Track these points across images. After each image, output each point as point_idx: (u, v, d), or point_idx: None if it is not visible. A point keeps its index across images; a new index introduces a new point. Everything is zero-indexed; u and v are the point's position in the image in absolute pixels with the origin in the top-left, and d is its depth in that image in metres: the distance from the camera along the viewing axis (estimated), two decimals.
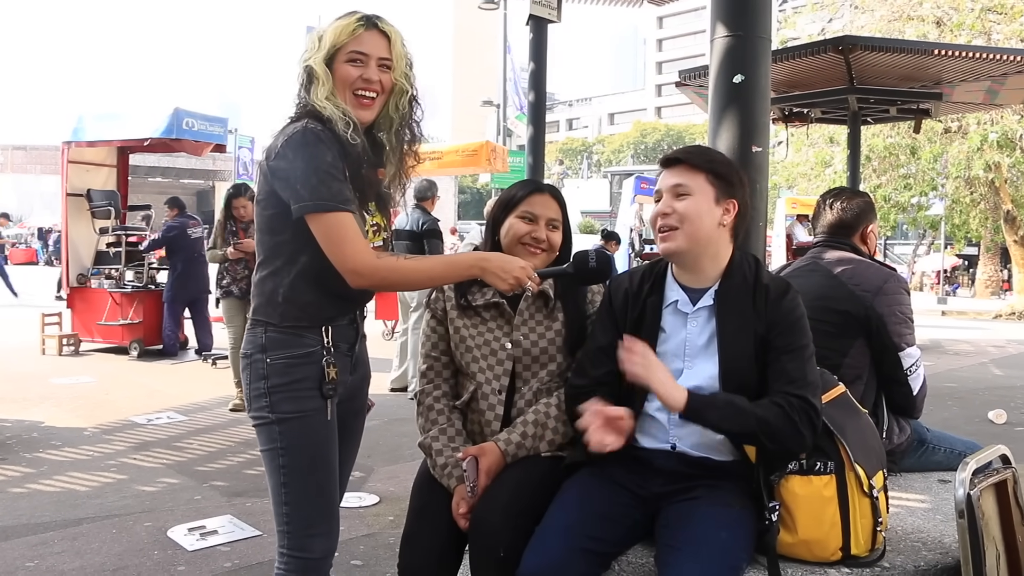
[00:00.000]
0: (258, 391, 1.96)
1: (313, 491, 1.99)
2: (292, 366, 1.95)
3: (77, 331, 9.58)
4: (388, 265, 1.90)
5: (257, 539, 3.72)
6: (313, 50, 1.95)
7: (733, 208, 2.05)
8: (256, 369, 1.96)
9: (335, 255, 1.86)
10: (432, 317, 2.36)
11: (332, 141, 1.88)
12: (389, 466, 4.94)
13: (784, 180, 21.72)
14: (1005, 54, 6.70)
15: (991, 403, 7.28)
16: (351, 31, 1.94)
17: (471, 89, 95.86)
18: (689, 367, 2.05)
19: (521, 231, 2.28)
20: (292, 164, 1.85)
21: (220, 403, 6.82)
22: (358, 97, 1.96)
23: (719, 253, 2.08)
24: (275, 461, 1.97)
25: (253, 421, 2.00)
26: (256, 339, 1.97)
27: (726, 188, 2.05)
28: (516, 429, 2.18)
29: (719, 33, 2.93)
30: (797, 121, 8.84)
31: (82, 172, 9.73)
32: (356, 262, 1.86)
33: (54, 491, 4.39)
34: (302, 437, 1.96)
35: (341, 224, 1.85)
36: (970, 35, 15.46)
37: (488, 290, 2.28)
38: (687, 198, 2.04)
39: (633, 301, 2.13)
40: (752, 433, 1.90)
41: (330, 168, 1.85)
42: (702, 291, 2.08)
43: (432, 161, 11.08)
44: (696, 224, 2.03)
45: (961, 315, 20.59)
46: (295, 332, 1.95)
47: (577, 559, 1.86)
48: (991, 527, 1.93)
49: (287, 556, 1.99)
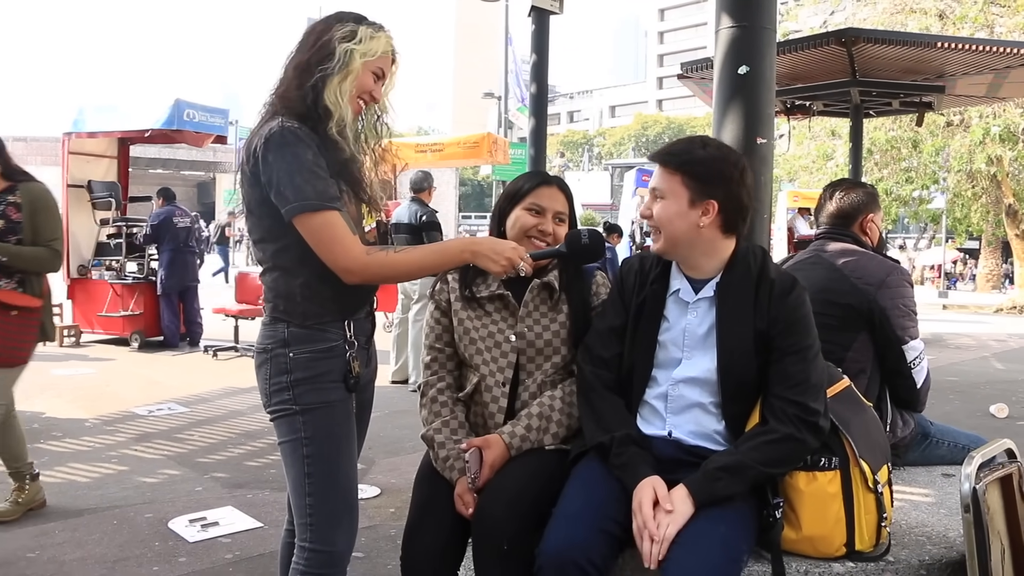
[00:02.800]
0: (279, 385, 1.94)
1: (337, 480, 1.97)
2: (316, 360, 1.94)
3: (78, 322, 9.57)
4: (379, 260, 1.88)
5: (258, 531, 3.72)
6: (357, 42, 1.94)
7: (712, 209, 2.00)
8: (278, 363, 1.94)
9: (326, 255, 1.85)
10: (436, 308, 2.35)
11: (310, 138, 1.88)
12: (390, 458, 4.94)
13: (786, 173, 21.72)
14: (1008, 47, 6.67)
15: (992, 397, 7.28)
16: (386, 50, 2.00)
17: (472, 81, 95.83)
18: (688, 357, 2.04)
19: (528, 224, 2.26)
20: (274, 166, 1.84)
21: (221, 395, 6.82)
22: (357, 101, 1.99)
23: (712, 249, 2.05)
24: (298, 451, 1.95)
25: (272, 414, 1.98)
26: (277, 334, 1.95)
27: (703, 189, 2.00)
28: (520, 422, 2.17)
29: (724, 24, 2.91)
30: (799, 114, 8.81)
31: (83, 163, 9.71)
32: (347, 260, 1.85)
33: (55, 482, 4.38)
34: (326, 427, 1.96)
35: (329, 223, 1.84)
36: (973, 28, 15.43)
37: (492, 282, 2.27)
38: (661, 201, 2.05)
39: (640, 286, 2.13)
40: (764, 477, 1.89)
41: (312, 166, 1.84)
42: (704, 282, 2.07)
43: (433, 153, 11.06)
44: (669, 228, 2.03)
45: (962, 309, 20.61)
46: (319, 327, 1.95)
47: (600, 540, 1.85)
48: (996, 521, 1.92)
49: (311, 550, 1.96)
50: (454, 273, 2.34)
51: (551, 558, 1.81)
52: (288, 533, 2.22)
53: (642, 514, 1.83)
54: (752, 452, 1.88)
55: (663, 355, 2.08)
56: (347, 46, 1.93)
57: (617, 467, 1.96)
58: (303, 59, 1.96)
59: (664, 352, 2.07)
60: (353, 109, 1.97)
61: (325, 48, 1.93)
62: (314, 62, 1.93)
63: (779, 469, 1.91)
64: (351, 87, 1.94)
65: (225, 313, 8.99)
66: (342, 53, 1.92)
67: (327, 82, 1.92)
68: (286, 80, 1.97)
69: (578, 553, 1.80)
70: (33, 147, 33.50)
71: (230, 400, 6.61)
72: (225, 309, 9.02)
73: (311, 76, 1.93)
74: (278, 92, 1.98)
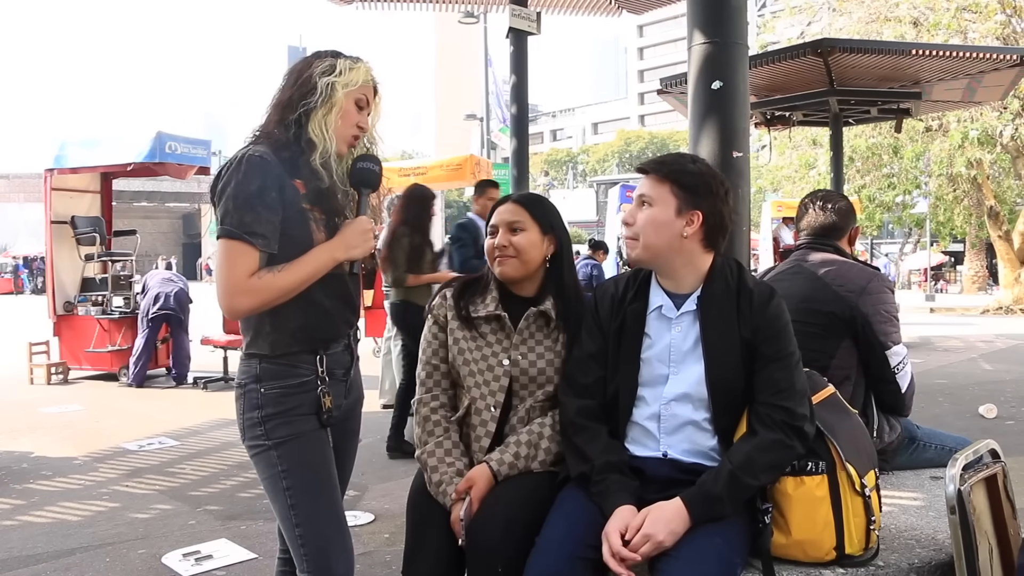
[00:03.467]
0: (252, 420, 1.97)
1: (321, 507, 1.98)
2: (287, 395, 1.96)
3: (65, 359, 9.50)
4: (266, 282, 1.86)
5: (253, 562, 3.69)
6: (337, 75, 1.98)
7: (697, 219, 2.03)
8: (250, 399, 1.97)
9: (217, 279, 1.87)
10: (434, 323, 2.35)
11: (273, 167, 1.89)
12: (383, 484, 4.92)
13: (769, 183, 21.88)
14: (981, 52, 6.78)
15: (981, 398, 7.32)
16: (366, 80, 2.04)
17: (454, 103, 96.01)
18: (675, 372, 2.05)
19: (489, 246, 2.29)
20: (223, 190, 1.88)
21: (212, 427, 6.79)
22: (350, 135, 2.03)
23: (692, 261, 2.07)
24: (278, 485, 1.96)
25: (249, 451, 2.00)
26: (251, 369, 1.97)
27: (690, 199, 2.04)
28: (508, 449, 2.17)
29: (696, 40, 2.95)
30: (779, 124, 8.91)
31: (66, 199, 9.67)
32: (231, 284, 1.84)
33: (46, 522, 4.35)
34: (301, 456, 1.96)
35: (234, 252, 1.84)
36: (947, 34, 15.63)
37: (490, 301, 2.28)
38: (648, 209, 2.07)
39: (617, 308, 2.14)
40: (758, 488, 1.92)
41: (251, 197, 1.85)
42: (685, 296, 2.08)
43: (417, 176, 11.08)
44: (652, 236, 2.05)
45: (949, 311, 20.73)
46: (289, 363, 1.96)
47: (579, 569, 1.86)
48: (983, 522, 1.94)
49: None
50: (451, 290, 2.35)
51: None
52: (281, 562, 2.21)
53: (609, 543, 1.85)
54: (745, 467, 1.89)
55: (648, 373, 2.08)
56: (328, 79, 1.97)
57: (595, 495, 1.98)
58: (285, 97, 2.00)
59: (649, 370, 2.08)
60: (345, 143, 2.02)
61: (306, 84, 1.98)
62: (296, 98, 1.97)
63: (771, 477, 1.92)
64: (336, 119, 1.98)
65: (213, 344, 8.95)
66: (324, 87, 1.96)
67: (311, 116, 1.96)
68: (271, 118, 2.01)
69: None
70: (15, 184, 33.42)
71: (221, 432, 6.57)
72: (213, 340, 8.98)
73: (293, 111, 1.97)
74: (262, 128, 2.01)
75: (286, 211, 1.90)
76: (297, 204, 1.93)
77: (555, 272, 2.31)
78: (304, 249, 1.93)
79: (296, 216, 1.92)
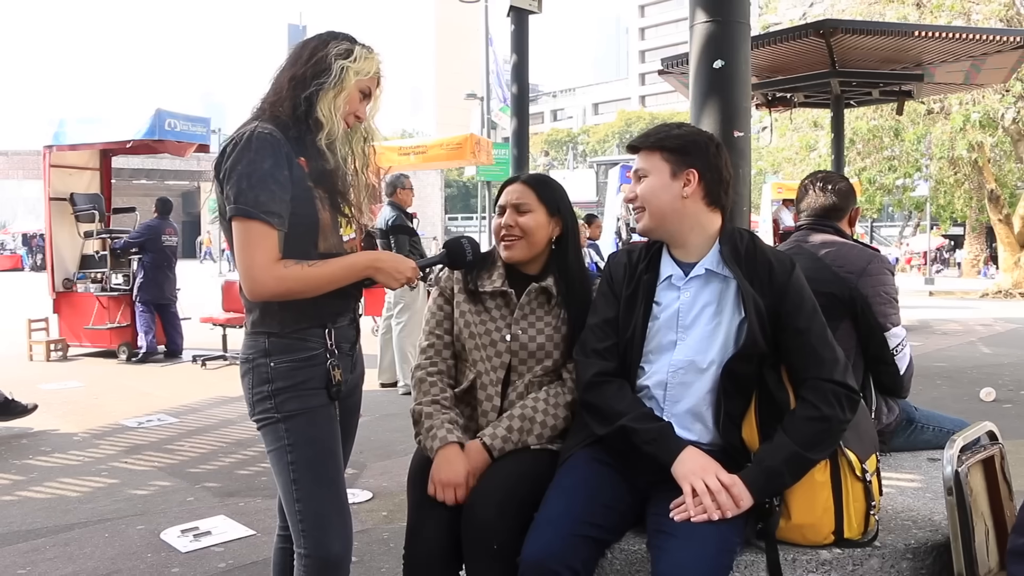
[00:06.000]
0: (262, 394, 1.97)
1: (323, 484, 1.99)
2: (296, 369, 1.96)
3: (64, 336, 9.52)
4: (294, 274, 1.88)
5: (251, 538, 3.71)
6: (353, 61, 1.98)
7: (693, 177, 2.05)
8: (259, 373, 1.97)
9: (240, 262, 1.86)
10: (440, 295, 2.37)
11: (282, 145, 1.89)
12: (381, 462, 4.94)
13: (769, 165, 21.82)
14: (984, 34, 6.75)
15: (980, 381, 7.34)
16: (376, 72, 2.05)
17: (454, 82, 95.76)
18: (682, 339, 2.05)
19: (497, 226, 2.30)
20: (232, 168, 1.86)
21: (211, 404, 6.80)
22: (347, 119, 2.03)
23: (699, 224, 2.08)
24: (283, 459, 1.97)
25: (257, 423, 2.01)
26: (259, 344, 1.97)
27: (681, 160, 2.06)
28: (502, 423, 2.18)
29: (698, 19, 2.93)
30: (780, 106, 8.88)
31: (65, 176, 9.65)
32: (256, 270, 1.85)
33: (45, 497, 4.36)
34: (309, 432, 1.97)
35: (255, 233, 1.84)
36: (950, 16, 15.55)
37: (497, 278, 2.29)
38: (644, 180, 2.09)
39: (629, 277, 2.15)
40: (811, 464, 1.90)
41: (265, 175, 1.85)
42: (694, 264, 2.09)
43: (417, 155, 11.06)
44: (655, 203, 2.07)
45: (948, 295, 20.73)
46: (299, 336, 1.97)
47: (578, 546, 1.86)
48: (979, 503, 1.94)
49: (307, 556, 1.99)
50: None
51: (530, 565, 1.83)
52: (280, 539, 2.22)
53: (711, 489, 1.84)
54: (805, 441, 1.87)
55: (656, 339, 2.08)
56: (343, 63, 1.97)
57: (648, 442, 1.95)
58: (298, 72, 1.98)
59: (658, 336, 2.08)
60: (343, 126, 2.01)
61: (321, 63, 1.97)
62: (310, 75, 1.97)
63: (824, 454, 1.91)
64: (344, 103, 1.99)
65: (213, 322, 8.95)
66: (338, 69, 1.96)
67: (322, 96, 1.95)
68: (279, 90, 1.99)
69: (556, 561, 1.81)
70: (14, 161, 33.32)
71: (220, 409, 6.59)
72: (212, 318, 8.98)
73: (306, 88, 1.96)
74: (269, 100, 2.00)
75: (293, 189, 1.90)
76: (303, 182, 1.93)
77: (560, 254, 2.32)
78: (310, 227, 1.94)
79: (302, 194, 1.93)
